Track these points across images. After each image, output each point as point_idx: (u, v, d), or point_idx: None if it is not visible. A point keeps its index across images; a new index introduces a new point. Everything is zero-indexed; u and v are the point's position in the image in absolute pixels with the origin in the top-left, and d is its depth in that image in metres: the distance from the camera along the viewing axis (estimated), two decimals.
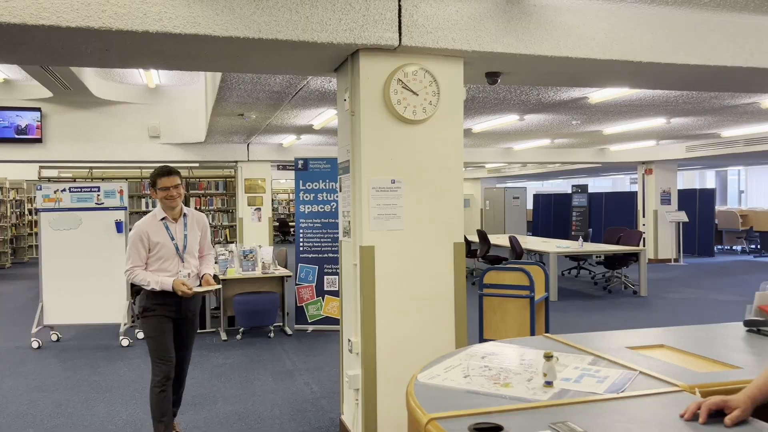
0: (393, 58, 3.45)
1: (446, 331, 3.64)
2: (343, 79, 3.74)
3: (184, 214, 3.74)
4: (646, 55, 3.79)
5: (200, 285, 3.77)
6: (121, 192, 6.78)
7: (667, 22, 3.79)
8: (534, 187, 31.33)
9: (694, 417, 1.55)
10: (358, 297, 3.54)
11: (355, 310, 3.60)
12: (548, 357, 1.82)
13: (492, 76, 4.03)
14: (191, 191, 12.39)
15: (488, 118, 8.80)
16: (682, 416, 1.57)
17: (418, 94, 3.51)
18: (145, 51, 3.30)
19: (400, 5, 3.31)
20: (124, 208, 6.79)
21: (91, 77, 9.39)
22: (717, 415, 1.54)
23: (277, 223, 22.84)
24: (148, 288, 3.57)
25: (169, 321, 3.65)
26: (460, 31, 3.44)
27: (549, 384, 1.82)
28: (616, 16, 3.71)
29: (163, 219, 3.64)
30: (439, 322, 3.62)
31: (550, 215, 21.90)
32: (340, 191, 3.87)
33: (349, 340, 3.67)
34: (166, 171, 3.61)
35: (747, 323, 2.56)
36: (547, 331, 4.22)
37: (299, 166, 7.24)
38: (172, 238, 3.64)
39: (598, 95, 6.77)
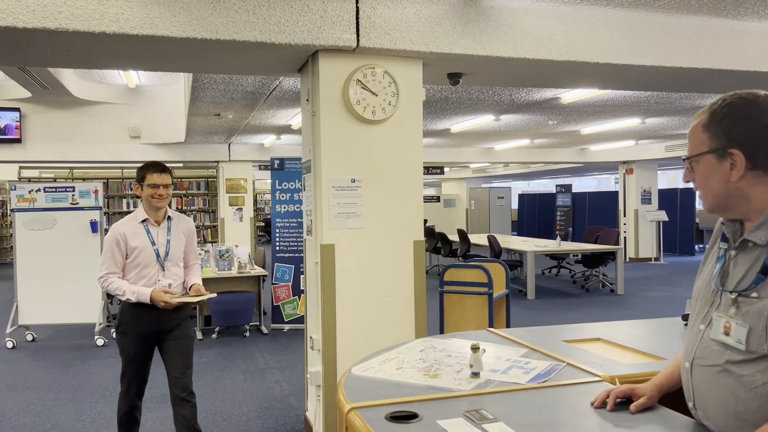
0: (352, 59, 3.51)
1: (406, 327, 3.70)
2: (305, 80, 3.79)
3: (169, 218, 3.35)
4: (603, 56, 3.86)
5: (186, 294, 3.38)
6: (96, 192, 6.79)
7: (623, 24, 3.87)
8: (520, 187, 31.50)
9: (603, 404, 1.61)
10: (319, 294, 3.59)
11: (316, 307, 3.65)
12: (475, 349, 1.89)
13: (454, 77, 4.10)
14: (173, 191, 12.40)
15: (465, 119, 8.87)
16: (592, 404, 1.63)
17: (377, 95, 3.56)
18: (104, 52, 3.34)
19: (357, 7, 3.37)
20: (99, 208, 6.81)
21: (70, 77, 9.37)
22: (626, 402, 1.61)
23: (263, 223, 22.83)
24: (124, 299, 3.19)
25: (148, 338, 3.26)
26: (418, 32, 3.50)
27: (476, 375, 1.88)
28: (573, 18, 3.79)
29: (144, 221, 3.26)
30: (399, 318, 3.68)
31: (535, 215, 22.05)
32: (304, 190, 3.92)
33: (311, 338, 3.72)
34: (157, 166, 3.26)
35: (684, 317, 2.63)
36: (508, 327, 4.29)
37: (275, 165, 7.28)
38: (153, 243, 3.25)
39: (569, 96, 6.86)
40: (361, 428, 1.50)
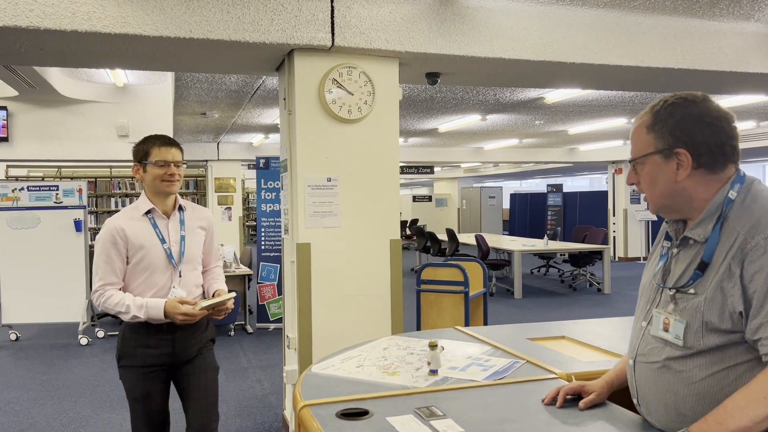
0: (327, 58, 3.52)
1: (382, 326, 3.71)
2: (282, 79, 3.80)
3: (180, 208, 2.53)
4: (579, 56, 3.88)
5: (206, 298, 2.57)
6: (80, 191, 6.78)
7: (599, 24, 3.89)
8: (512, 187, 31.56)
9: (554, 401, 1.63)
10: (295, 293, 3.60)
11: (293, 306, 3.66)
12: (432, 346, 1.90)
13: (432, 77, 4.11)
14: None
15: (452, 118, 8.89)
16: (543, 401, 1.65)
17: (353, 94, 3.57)
18: (78, 50, 3.33)
19: (332, 6, 3.37)
20: (83, 207, 6.80)
21: (57, 76, 9.33)
22: (577, 399, 1.62)
23: (254, 222, 22.80)
24: (128, 317, 2.35)
25: (160, 372, 2.45)
26: (394, 32, 3.51)
27: (433, 372, 1.89)
28: (549, 18, 3.80)
29: (148, 212, 2.45)
30: (375, 317, 3.69)
31: (526, 215, 22.09)
32: (282, 189, 3.93)
33: (288, 336, 3.73)
34: (164, 139, 2.48)
35: None
36: (485, 325, 4.30)
37: (261, 164, 7.27)
38: (163, 241, 2.43)
39: (553, 95, 6.88)
40: (312, 425, 1.51)
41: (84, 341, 6.53)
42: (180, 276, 2.45)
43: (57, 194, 6.72)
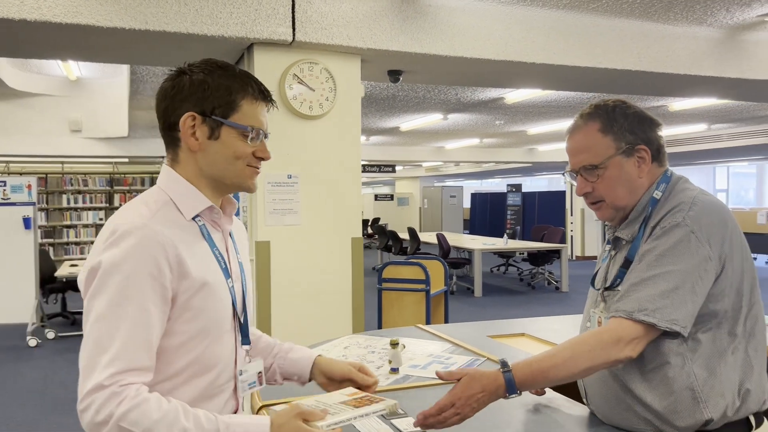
0: (288, 53, 3.47)
1: (343, 324, 3.68)
2: None
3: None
4: (539, 56, 3.93)
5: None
6: (29, 187, 6.54)
7: (559, 25, 3.94)
8: (473, 186, 31.89)
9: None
10: (254, 292, 3.54)
11: (253, 305, 3.60)
12: (394, 344, 1.88)
13: (393, 74, 4.10)
14: (115, 187, 12.05)
15: (414, 117, 8.91)
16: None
17: (314, 90, 3.53)
18: (27, 40, 3.21)
19: (293, 1, 3.33)
20: (33, 204, 6.55)
21: (5, 67, 8.99)
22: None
23: None
24: None
25: None
26: (356, 28, 3.48)
27: (394, 371, 1.88)
28: (511, 18, 3.84)
29: (197, 218, 1.23)
30: (336, 315, 3.66)
31: (487, 214, 22.35)
32: None
33: None
34: (262, 87, 1.27)
35: None
36: (446, 323, 4.32)
37: None
38: (227, 274, 1.24)
39: (513, 96, 6.96)
40: None
41: (33, 343, 6.30)
42: (247, 341, 1.28)
43: (4, 190, 6.46)
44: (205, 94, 1.18)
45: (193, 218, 1.21)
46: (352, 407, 1.20)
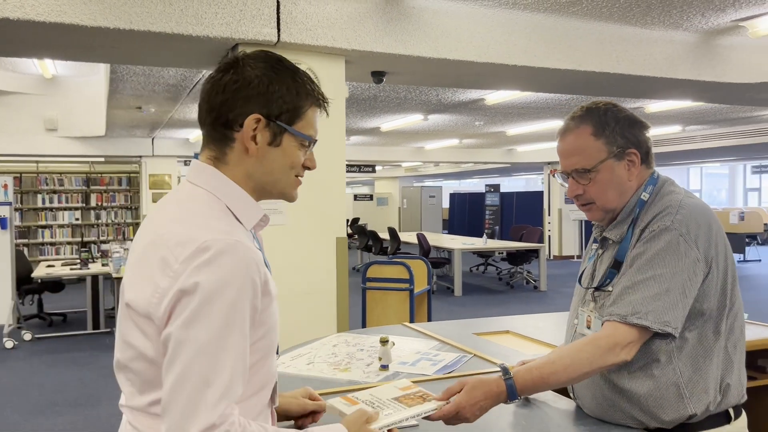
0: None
1: (328, 324, 3.70)
2: None
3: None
4: (520, 59, 3.99)
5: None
6: (5, 186, 6.44)
7: (540, 28, 4.01)
8: (452, 186, 32.05)
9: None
10: None
11: None
12: (384, 342, 1.91)
13: (377, 75, 4.13)
14: (92, 187, 11.90)
15: (394, 117, 8.95)
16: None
17: None
18: (8, 38, 3.18)
19: (278, 2, 3.34)
20: (9, 204, 6.46)
21: None
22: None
23: None
24: None
25: None
26: (340, 29, 3.51)
27: (384, 368, 1.91)
28: (493, 21, 3.89)
29: (253, 228, 1.17)
30: (321, 315, 3.68)
31: (465, 214, 22.49)
32: None
33: None
34: (325, 98, 1.25)
35: None
36: (429, 321, 4.37)
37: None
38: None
39: (493, 97, 7.03)
40: None
41: (9, 344, 6.20)
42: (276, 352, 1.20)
43: None
44: (273, 96, 1.09)
45: (251, 228, 1.14)
46: (405, 406, 1.26)
